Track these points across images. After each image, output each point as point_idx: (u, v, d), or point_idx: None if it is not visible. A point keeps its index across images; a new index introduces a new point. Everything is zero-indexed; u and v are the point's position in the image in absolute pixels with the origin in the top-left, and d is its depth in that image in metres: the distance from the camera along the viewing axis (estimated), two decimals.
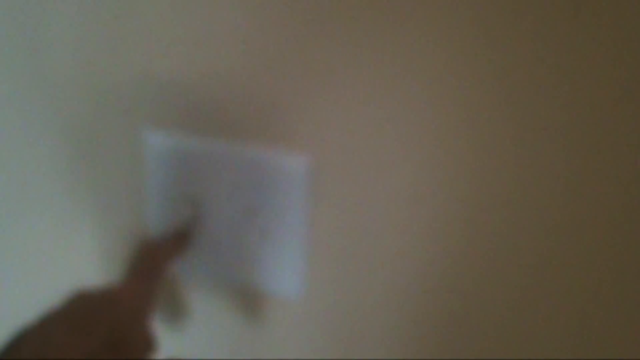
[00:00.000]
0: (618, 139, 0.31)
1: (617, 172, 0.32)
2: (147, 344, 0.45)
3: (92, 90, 0.40)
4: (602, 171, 0.32)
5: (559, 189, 0.33)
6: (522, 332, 0.37)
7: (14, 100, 0.43)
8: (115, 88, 0.40)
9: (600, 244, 0.34)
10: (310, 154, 0.37)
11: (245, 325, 0.44)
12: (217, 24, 0.36)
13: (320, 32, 0.35)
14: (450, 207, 0.36)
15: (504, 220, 0.35)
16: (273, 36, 0.35)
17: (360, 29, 0.34)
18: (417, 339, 0.40)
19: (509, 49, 0.31)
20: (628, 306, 0.34)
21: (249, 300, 0.43)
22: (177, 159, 0.41)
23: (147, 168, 0.41)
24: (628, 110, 0.31)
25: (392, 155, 0.36)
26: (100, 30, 0.39)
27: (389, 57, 0.34)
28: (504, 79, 0.32)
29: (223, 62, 0.37)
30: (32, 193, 0.47)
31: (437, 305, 0.38)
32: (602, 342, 0.35)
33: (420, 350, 0.40)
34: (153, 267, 0.41)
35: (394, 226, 0.37)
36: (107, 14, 0.38)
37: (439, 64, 0.33)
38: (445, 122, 0.34)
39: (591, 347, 0.36)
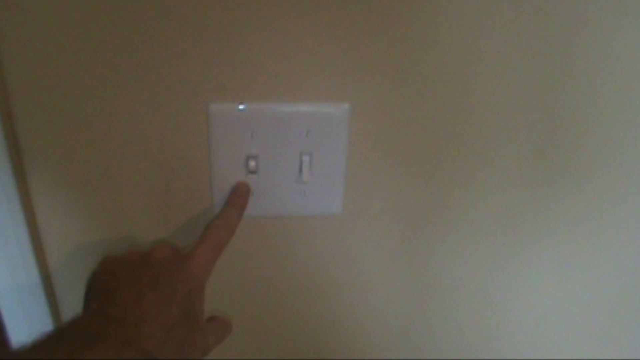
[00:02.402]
0: None
1: None
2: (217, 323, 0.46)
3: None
4: None
5: None
6: None
7: None
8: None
9: None
10: (349, 101, 0.46)
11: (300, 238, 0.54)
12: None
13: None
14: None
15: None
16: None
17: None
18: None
19: None
20: None
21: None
22: (237, 124, 0.46)
23: (210, 134, 0.45)
24: None
25: (409, 104, 0.46)
26: None
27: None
28: None
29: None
30: None
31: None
32: None
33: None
34: (219, 237, 0.44)
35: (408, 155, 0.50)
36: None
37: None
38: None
39: None
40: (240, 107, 0.45)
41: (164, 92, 0.44)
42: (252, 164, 0.47)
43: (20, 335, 0.50)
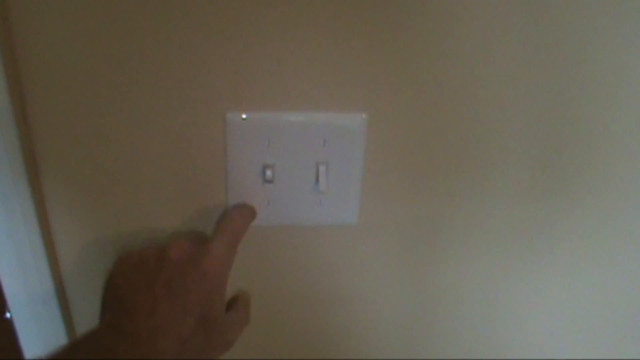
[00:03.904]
0: None
1: None
2: (234, 317, 0.45)
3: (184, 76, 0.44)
4: None
5: None
6: None
7: None
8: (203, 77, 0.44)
9: None
10: (366, 112, 0.46)
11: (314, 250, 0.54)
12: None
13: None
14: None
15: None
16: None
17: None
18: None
19: None
20: None
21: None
22: (254, 133, 0.46)
23: (227, 143, 0.46)
24: None
25: (424, 114, 0.47)
26: None
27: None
28: None
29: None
30: None
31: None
32: None
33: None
34: (235, 232, 0.43)
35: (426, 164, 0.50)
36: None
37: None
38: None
39: None
40: (255, 116, 0.45)
41: (181, 100, 0.44)
42: (268, 173, 0.47)
43: (33, 345, 0.50)
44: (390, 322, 0.60)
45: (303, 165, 0.47)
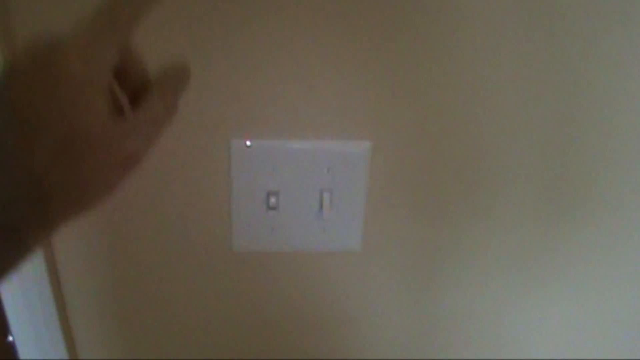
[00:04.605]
0: None
1: None
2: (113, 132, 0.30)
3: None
4: None
5: None
6: None
7: None
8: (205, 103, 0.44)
9: None
10: (369, 140, 0.46)
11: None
12: None
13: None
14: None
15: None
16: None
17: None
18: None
19: None
20: None
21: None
22: (258, 160, 0.46)
23: (232, 169, 0.46)
24: None
25: (428, 142, 0.47)
26: None
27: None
28: None
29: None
30: None
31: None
32: None
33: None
34: (112, 19, 0.30)
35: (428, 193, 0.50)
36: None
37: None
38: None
39: None
40: (260, 143, 0.45)
41: (186, 127, 0.44)
42: (272, 200, 0.46)
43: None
44: (393, 347, 0.60)
45: (307, 192, 0.47)
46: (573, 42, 0.44)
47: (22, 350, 0.51)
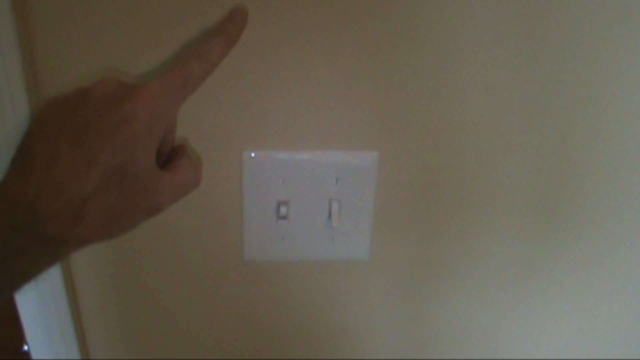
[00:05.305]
0: None
1: None
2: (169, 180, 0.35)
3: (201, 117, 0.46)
4: None
5: None
6: None
7: None
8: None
9: None
10: (377, 150, 0.48)
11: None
12: None
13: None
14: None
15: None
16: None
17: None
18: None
19: None
20: None
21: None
22: (269, 171, 0.47)
23: (243, 180, 0.47)
24: None
25: (435, 152, 0.48)
26: None
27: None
28: None
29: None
30: None
31: None
32: None
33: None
34: (187, 69, 0.33)
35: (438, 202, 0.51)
36: None
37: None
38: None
39: None
40: (270, 154, 0.47)
41: (199, 139, 0.46)
42: (283, 209, 0.48)
43: None
44: (399, 357, 0.60)
45: (316, 202, 0.48)
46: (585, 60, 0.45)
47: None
